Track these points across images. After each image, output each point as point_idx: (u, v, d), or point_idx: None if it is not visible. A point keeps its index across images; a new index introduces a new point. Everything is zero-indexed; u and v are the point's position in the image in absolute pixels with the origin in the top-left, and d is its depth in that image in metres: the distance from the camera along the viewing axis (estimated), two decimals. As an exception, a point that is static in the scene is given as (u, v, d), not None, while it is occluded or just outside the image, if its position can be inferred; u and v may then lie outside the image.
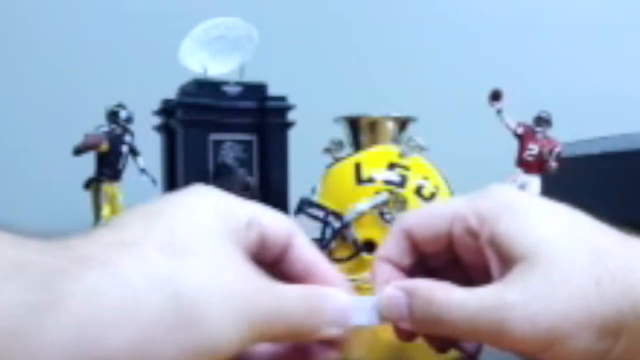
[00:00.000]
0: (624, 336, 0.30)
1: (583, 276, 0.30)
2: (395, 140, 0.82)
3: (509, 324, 0.29)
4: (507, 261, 0.31)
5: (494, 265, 0.32)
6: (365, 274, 0.73)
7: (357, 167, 0.74)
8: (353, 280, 0.74)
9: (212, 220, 0.29)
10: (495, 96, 0.90)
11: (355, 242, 0.72)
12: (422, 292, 0.31)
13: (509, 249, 0.31)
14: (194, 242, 0.27)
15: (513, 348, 0.31)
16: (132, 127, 0.85)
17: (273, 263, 0.34)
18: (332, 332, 0.31)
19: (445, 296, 0.31)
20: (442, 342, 0.36)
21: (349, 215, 0.72)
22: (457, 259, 0.36)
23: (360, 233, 0.72)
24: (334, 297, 0.31)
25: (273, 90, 1.00)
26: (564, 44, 1.37)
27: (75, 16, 1.13)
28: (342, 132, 0.85)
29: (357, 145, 0.83)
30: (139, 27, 1.15)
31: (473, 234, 0.33)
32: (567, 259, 0.30)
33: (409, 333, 0.35)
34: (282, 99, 0.99)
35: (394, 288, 0.33)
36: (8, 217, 1.03)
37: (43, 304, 0.22)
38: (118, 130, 0.83)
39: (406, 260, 0.36)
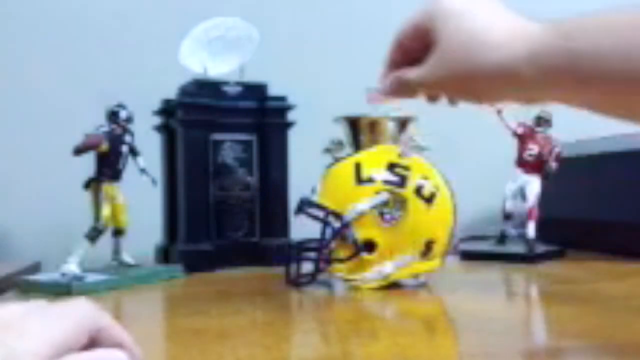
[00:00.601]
0: None
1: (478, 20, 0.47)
2: (395, 140, 0.83)
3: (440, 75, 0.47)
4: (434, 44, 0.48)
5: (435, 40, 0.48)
6: (365, 274, 0.73)
7: (357, 167, 0.74)
8: (353, 280, 0.74)
9: None
10: (495, 96, 0.90)
11: (355, 242, 0.72)
12: (397, 75, 0.52)
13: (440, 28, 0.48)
14: None
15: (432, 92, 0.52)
16: (132, 127, 0.85)
17: None
18: None
19: (405, 75, 0.51)
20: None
21: (349, 215, 0.72)
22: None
23: (360, 233, 0.72)
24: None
25: (273, 90, 1.00)
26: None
27: (76, 16, 1.13)
28: (342, 132, 0.85)
29: (357, 145, 0.83)
30: (139, 26, 1.15)
31: (430, 18, 0.50)
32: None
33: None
34: (282, 99, 0.99)
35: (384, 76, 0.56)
36: (8, 217, 1.04)
37: None
38: (118, 130, 0.83)
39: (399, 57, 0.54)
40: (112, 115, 0.83)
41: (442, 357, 0.47)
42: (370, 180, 0.73)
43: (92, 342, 0.31)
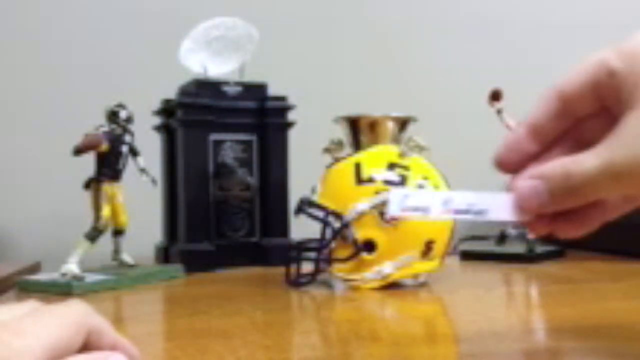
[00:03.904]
0: None
1: None
2: (395, 140, 0.82)
3: (623, 170, 0.31)
4: (628, 103, 0.32)
5: (621, 107, 0.33)
6: (365, 274, 0.73)
7: (357, 167, 0.74)
8: (353, 280, 0.74)
9: None
10: (495, 96, 0.90)
11: (355, 242, 0.72)
12: (559, 170, 0.34)
13: (631, 89, 0.32)
14: None
15: (632, 192, 0.33)
16: (132, 127, 0.85)
17: None
18: None
19: (578, 166, 0.33)
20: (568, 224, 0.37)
21: (349, 215, 0.72)
22: (604, 117, 0.35)
23: (360, 233, 0.72)
24: None
25: (273, 90, 1.00)
26: (564, 44, 1.37)
27: (76, 16, 1.13)
28: (342, 132, 0.85)
29: (357, 145, 0.83)
30: (139, 26, 1.15)
31: (612, 73, 0.33)
32: None
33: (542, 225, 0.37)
34: (282, 99, 0.99)
35: (530, 177, 0.35)
36: (8, 217, 1.04)
37: None
38: (118, 130, 0.83)
39: (554, 126, 0.36)
40: (112, 115, 0.83)
41: (442, 357, 0.47)
42: (370, 180, 0.73)
43: (87, 345, 0.31)
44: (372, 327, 0.58)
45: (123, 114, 0.83)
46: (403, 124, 0.84)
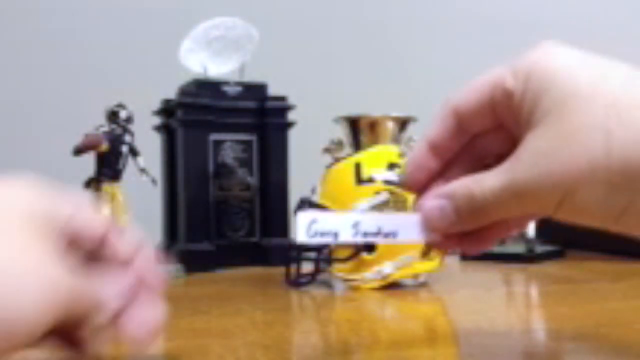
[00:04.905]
0: None
1: (593, 130, 0.29)
2: (395, 140, 0.82)
3: (525, 191, 0.31)
4: (528, 125, 0.32)
5: (521, 128, 0.33)
6: (365, 274, 0.73)
7: (357, 167, 0.74)
8: (353, 280, 0.74)
9: (23, 223, 0.32)
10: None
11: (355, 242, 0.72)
12: (462, 191, 0.34)
13: (530, 111, 0.32)
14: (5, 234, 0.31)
15: (534, 211, 0.33)
16: (132, 127, 0.85)
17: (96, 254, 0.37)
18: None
19: (480, 187, 0.33)
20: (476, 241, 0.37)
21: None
22: (501, 133, 0.35)
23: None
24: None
25: (273, 90, 1.00)
26: (564, 43, 1.36)
27: (76, 16, 1.13)
28: (342, 132, 0.85)
29: (357, 145, 0.83)
30: (139, 26, 1.15)
31: (509, 94, 0.33)
32: (580, 114, 0.30)
33: (449, 243, 0.36)
34: (282, 99, 0.99)
35: (435, 197, 0.35)
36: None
37: None
38: (118, 130, 0.83)
39: (452, 143, 0.36)
40: (112, 115, 0.83)
41: (442, 356, 0.47)
42: (370, 180, 0.73)
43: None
44: (372, 327, 0.58)
45: (123, 114, 0.83)
46: (403, 124, 0.84)
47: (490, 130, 0.36)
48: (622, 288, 0.75)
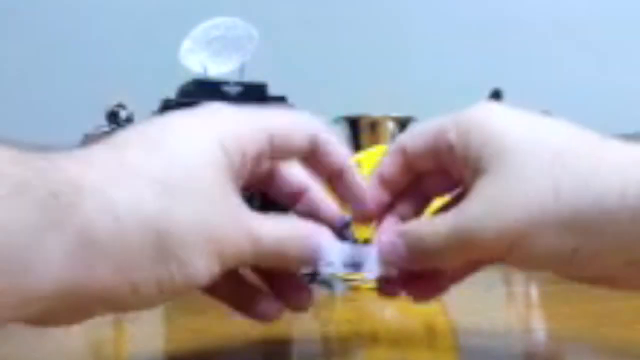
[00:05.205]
0: (590, 235, 0.30)
1: (541, 178, 0.31)
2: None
3: (474, 236, 0.32)
4: (475, 173, 0.33)
5: (468, 177, 0.34)
6: (365, 274, 0.73)
7: (357, 167, 0.73)
8: (353, 280, 0.74)
9: (212, 157, 0.32)
10: (495, 96, 0.90)
11: (355, 242, 0.72)
12: (412, 231, 0.35)
13: (475, 161, 0.33)
14: (188, 181, 0.30)
15: (483, 256, 0.34)
16: (132, 127, 0.85)
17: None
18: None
19: (431, 229, 0.34)
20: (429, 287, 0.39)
21: (348, 215, 0.72)
22: (445, 175, 0.37)
23: (360, 233, 0.72)
24: (314, 242, 0.37)
25: (273, 90, 0.99)
26: (564, 43, 1.37)
27: (75, 16, 1.13)
28: (342, 132, 0.85)
29: (357, 145, 0.83)
30: (139, 26, 1.15)
31: (451, 147, 0.34)
32: (527, 164, 0.31)
33: (396, 287, 0.39)
34: (282, 99, 0.99)
35: (393, 233, 0.37)
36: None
37: (43, 226, 0.25)
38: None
39: (400, 179, 0.38)
40: (112, 115, 0.83)
41: (441, 356, 0.47)
42: (370, 180, 0.72)
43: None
44: (372, 327, 0.58)
45: (123, 114, 0.83)
46: (403, 124, 0.84)
47: (434, 172, 0.38)
48: (622, 288, 0.75)
